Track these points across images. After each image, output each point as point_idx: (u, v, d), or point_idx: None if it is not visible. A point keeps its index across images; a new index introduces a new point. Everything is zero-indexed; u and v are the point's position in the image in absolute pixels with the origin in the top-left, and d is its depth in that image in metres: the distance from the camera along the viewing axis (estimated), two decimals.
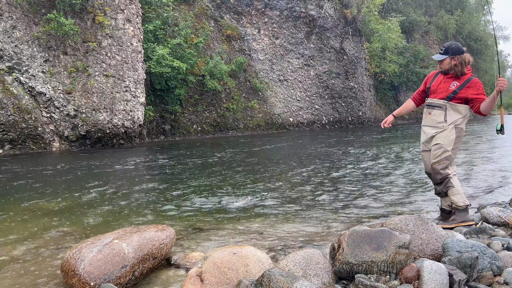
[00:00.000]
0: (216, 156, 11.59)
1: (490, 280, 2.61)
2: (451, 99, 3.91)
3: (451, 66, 3.91)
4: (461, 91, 3.88)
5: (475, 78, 3.93)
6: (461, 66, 3.87)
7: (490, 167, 8.13)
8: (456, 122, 3.94)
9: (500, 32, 55.54)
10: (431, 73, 4.25)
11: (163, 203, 5.71)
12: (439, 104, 3.98)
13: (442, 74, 4.04)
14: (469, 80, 3.90)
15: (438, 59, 3.96)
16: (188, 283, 2.60)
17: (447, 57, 3.90)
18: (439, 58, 3.95)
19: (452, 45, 3.91)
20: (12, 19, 13.88)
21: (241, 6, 25.77)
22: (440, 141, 3.96)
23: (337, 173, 8.08)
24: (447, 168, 3.96)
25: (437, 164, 3.97)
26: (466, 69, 3.91)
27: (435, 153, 4.00)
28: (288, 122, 25.91)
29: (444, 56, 3.91)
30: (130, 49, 16.03)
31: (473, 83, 3.88)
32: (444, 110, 3.94)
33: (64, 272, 2.86)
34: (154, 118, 19.21)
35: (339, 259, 2.74)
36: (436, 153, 3.99)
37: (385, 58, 30.46)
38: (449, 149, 3.93)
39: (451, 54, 3.88)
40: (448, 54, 3.89)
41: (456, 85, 3.90)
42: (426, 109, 4.14)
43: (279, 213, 5.01)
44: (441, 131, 3.96)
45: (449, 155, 3.94)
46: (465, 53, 3.91)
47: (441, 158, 3.95)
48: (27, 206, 5.64)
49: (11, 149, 13.40)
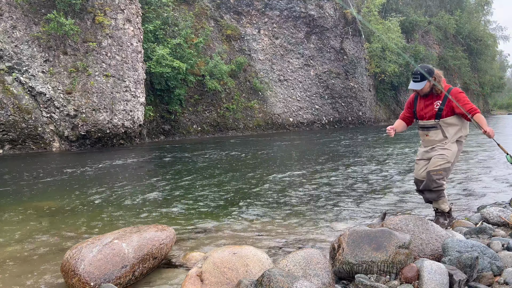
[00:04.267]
0: (216, 156, 11.59)
1: (490, 280, 2.61)
2: (440, 116, 4.00)
3: (431, 88, 3.99)
4: (446, 106, 3.96)
5: (453, 89, 3.97)
6: (439, 83, 3.96)
7: (490, 167, 8.12)
8: (457, 135, 4.03)
9: (500, 32, 55.55)
10: (410, 97, 4.30)
11: (163, 203, 5.71)
12: (432, 124, 4.06)
13: (422, 98, 4.12)
14: (449, 92, 3.95)
15: (419, 87, 4.00)
16: (188, 283, 2.60)
17: (426, 82, 3.96)
18: (420, 87, 3.99)
19: (424, 69, 3.96)
20: (12, 19, 13.88)
21: (241, 6, 25.77)
22: (443, 152, 4.02)
23: (337, 173, 8.07)
24: (443, 179, 4.02)
25: (434, 172, 4.00)
26: (442, 84, 3.98)
27: (436, 161, 4.02)
28: (288, 122, 25.91)
29: (423, 82, 3.97)
30: (130, 49, 16.03)
31: (453, 95, 3.92)
32: (439, 128, 4.03)
33: (64, 272, 2.86)
34: (154, 118, 19.21)
35: (339, 259, 2.74)
36: (437, 162, 4.01)
37: (385, 58, 30.45)
38: (451, 161, 4.01)
39: (427, 78, 3.94)
40: (425, 78, 3.94)
41: (439, 103, 3.98)
42: (422, 131, 4.21)
43: (279, 213, 5.01)
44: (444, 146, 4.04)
45: (449, 167, 4.02)
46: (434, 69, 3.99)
47: (440, 168, 3.99)
48: (27, 206, 5.64)
49: (11, 149, 13.40)
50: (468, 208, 4.97)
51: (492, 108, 62.04)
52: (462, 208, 4.96)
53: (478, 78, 47.99)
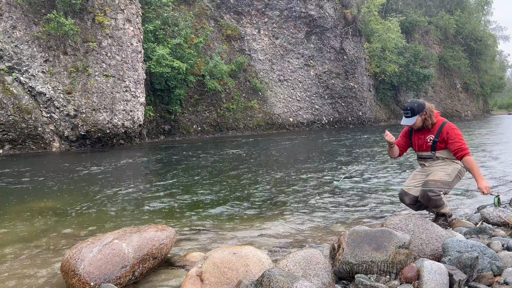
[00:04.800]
0: (216, 156, 11.59)
1: (490, 280, 2.61)
2: (435, 149, 4.04)
3: (423, 122, 4.00)
4: (439, 141, 3.99)
5: (446, 125, 3.95)
6: (430, 118, 3.97)
7: (490, 167, 8.12)
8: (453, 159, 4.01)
9: (500, 32, 55.58)
10: (404, 129, 4.31)
11: (163, 203, 5.71)
12: (429, 155, 4.11)
13: (415, 131, 4.16)
14: (442, 127, 3.96)
15: (411, 123, 4.01)
16: (188, 283, 2.60)
17: (417, 117, 3.97)
18: (412, 122, 4.00)
19: (414, 104, 3.96)
20: (12, 19, 13.87)
21: (241, 6, 25.77)
22: (446, 167, 3.99)
23: (337, 173, 8.07)
24: (440, 195, 3.87)
25: (433, 182, 3.87)
26: (434, 117, 3.99)
27: (436, 173, 3.97)
28: (288, 122, 25.91)
29: (415, 117, 3.97)
30: (130, 49, 16.03)
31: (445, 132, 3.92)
32: (436, 159, 4.08)
33: (64, 272, 2.86)
34: (154, 118, 19.20)
35: (339, 259, 2.74)
36: (437, 174, 3.95)
37: (385, 58, 30.45)
38: (451, 175, 3.95)
39: (418, 113, 3.95)
40: (416, 113, 3.95)
41: (432, 137, 4.02)
42: (419, 161, 4.27)
43: (279, 213, 5.01)
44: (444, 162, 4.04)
45: (448, 181, 3.92)
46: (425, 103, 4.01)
47: (440, 179, 3.89)
48: (27, 206, 5.64)
49: (11, 149, 13.40)
50: (468, 208, 4.97)
51: (492, 108, 62.05)
52: (462, 208, 4.96)
53: (478, 78, 47.99)
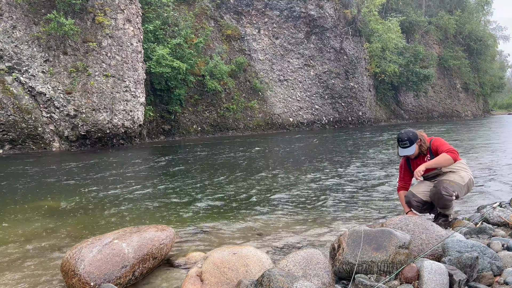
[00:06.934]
0: (217, 156, 11.59)
1: (490, 280, 2.60)
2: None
3: (419, 148, 4.16)
4: (434, 154, 4.12)
5: (433, 140, 4.16)
6: (424, 143, 4.15)
7: (490, 167, 8.12)
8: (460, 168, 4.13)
9: (500, 32, 55.58)
10: (401, 163, 4.45)
11: (163, 204, 5.71)
12: (435, 172, 4.20)
13: (412, 160, 4.27)
14: (431, 143, 4.15)
15: (411, 152, 4.14)
16: (188, 283, 2.60)
17: (415, 145, 4.13)
18: (412, 151, 4.13)
19: (409, 134, 4.12)
20: (12, 19, 13.87)
21: (241, 6, 25.77)
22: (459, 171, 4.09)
23: (337, 173, 8.07)
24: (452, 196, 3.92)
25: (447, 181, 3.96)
26: (426, 141, 4.17)
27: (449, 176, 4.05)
28: (288, 122, 25.91)
29: (413, 146, 4.13)
30: (130, 49, 16.03)
31: (434, 145, 4.11)
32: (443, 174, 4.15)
33: (64, 272, 2.86)
34: (154, 118, 19.20)
35: (339, 259, 2.74)
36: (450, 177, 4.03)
37: (385, 58, 30.44)
38: (465, 179, 4.03)
39: (415, 141, 4.11)
40: (413, 142, 4.11)
41: (429, 158, 4.16)
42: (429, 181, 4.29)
43: (279, 213, 5.01)
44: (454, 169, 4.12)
45: (463, 185, 4.01)
46: (415, 130, 4.19)
47: (454, 180, 3.98)
48: (27, 207, 5.63)
49: (11, 149, 13.40)
50: (468, 208, 4.98)
51: (492, 108, 62.03)
52: (462, 208, 4.96)
53: (478, 78, 47.99)
